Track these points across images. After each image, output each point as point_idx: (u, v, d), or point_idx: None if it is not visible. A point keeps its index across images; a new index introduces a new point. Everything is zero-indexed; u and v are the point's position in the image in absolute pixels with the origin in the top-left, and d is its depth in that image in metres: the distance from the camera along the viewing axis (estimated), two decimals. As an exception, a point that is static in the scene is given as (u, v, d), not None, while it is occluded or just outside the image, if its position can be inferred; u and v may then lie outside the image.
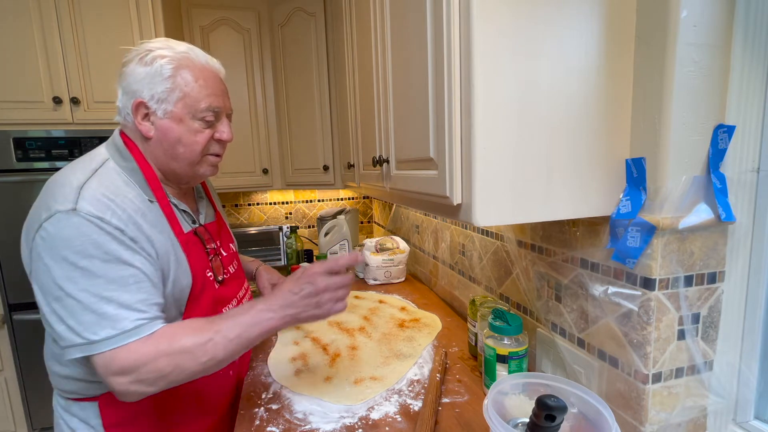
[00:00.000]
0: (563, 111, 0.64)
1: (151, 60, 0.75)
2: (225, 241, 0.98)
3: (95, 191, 0.70)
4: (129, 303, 0.68)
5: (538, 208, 0.65)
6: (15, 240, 1.74)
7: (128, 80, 0.76)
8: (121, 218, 0.70)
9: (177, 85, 0.75)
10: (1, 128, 1.69)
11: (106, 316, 0.66)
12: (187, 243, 0.82)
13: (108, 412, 0.80)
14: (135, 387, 0.67)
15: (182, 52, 0.77)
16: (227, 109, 0.84)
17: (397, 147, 0.94)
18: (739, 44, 0.63)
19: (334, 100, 1.93)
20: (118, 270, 0.68)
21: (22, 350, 1.78)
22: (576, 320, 0.82)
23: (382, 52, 0.99)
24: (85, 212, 0.67)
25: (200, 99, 0.77)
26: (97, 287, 0.67)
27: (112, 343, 0.66)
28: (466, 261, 1.33)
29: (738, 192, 0.66)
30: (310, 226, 2.62)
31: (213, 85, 0.79)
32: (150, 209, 0.76)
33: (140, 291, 0.70)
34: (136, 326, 0.68)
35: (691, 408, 0.70)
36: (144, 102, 0.76)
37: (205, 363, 0.69)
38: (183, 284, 0.80)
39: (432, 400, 0.83)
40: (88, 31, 1.70)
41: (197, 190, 0.97)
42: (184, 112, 0.77)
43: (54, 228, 0.67)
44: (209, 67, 0.81)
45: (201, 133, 0.79)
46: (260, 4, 2.10)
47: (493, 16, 0.59)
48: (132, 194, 0.74)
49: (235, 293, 0.95)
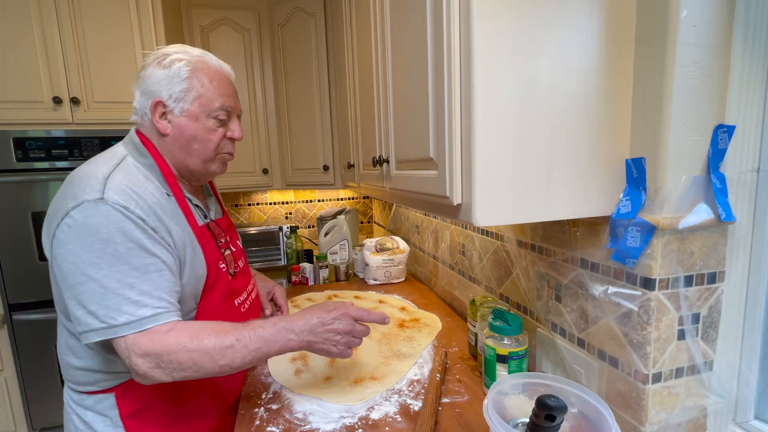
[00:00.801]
0: (563, 111, 0.64)
1: (170, 63, 0.80)
2: (234, 238, 1.01)
3: (120, 182, 0.74)
4: (149, 291, 0.71)
5: (538, 208, 0.65)
6: (15, 240, 1.75)
7: (147, 82, 0.80)
8: (143, 209, 0.74)
9: (193, 86, 0.80)
10: (1, 128, 1.69)
11: (127, 302, 0.70)
12: (202, 236, 0.86)
13: (124, 402, 0.82)
14: (154, 372, 0.70)
15: (197, 56, 0.83)
16: (238, 109, 0.89)
17: (397, 147, 0.94)
18: (739, 44, 0.63)
19: (334, 100, 1.93)
20: (141, 258, 0.72)
21: (22, 350, 1.78)
22: (576, 320, 0.82)
23: (382, 52, 0.99)
24: (113, 201, 0.71)
25: (214, 99, 0.82)
26: (121, 273, 0.70)
27: (131, 328, 0.69)
28: (466, 261, 1.33)
29: (738, 192, 0.66)
30: (310, 226, 2.62)
31: (225, 86, 0.85)
32: (168, 202, 0.80)
33: (161, 279, 0.73)
34: (154, 314, 0.71)
35: (691, 408, 0.70)
36: (162, 101, 0.80)
37: (221, 366, 0.72)
38: (199, 274, 0.83)
39: (432, 400, 0.83)
40: (88, 31, 1.70)
41: (206, 188, 1.01)
42: (200, 111, 0.82)
43: (82, 216, 0.70)
44: (222, 70, 0.86)
45: (215, 132, 0.84)
46: (260, 4, 2.10)
47: (493, 16, 0.59)
48: (151, 187, 0.78)
49: (245, 286, 0.98)
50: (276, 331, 0.76)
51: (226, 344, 0.72)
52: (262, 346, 0.75)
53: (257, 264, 2.22)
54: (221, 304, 0.88)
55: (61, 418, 0.90)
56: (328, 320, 0.79)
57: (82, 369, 0.82)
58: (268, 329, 0.76)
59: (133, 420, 0.83)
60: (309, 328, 0.78)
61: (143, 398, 0.83)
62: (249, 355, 0.74)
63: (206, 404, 0.91)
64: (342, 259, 2.01)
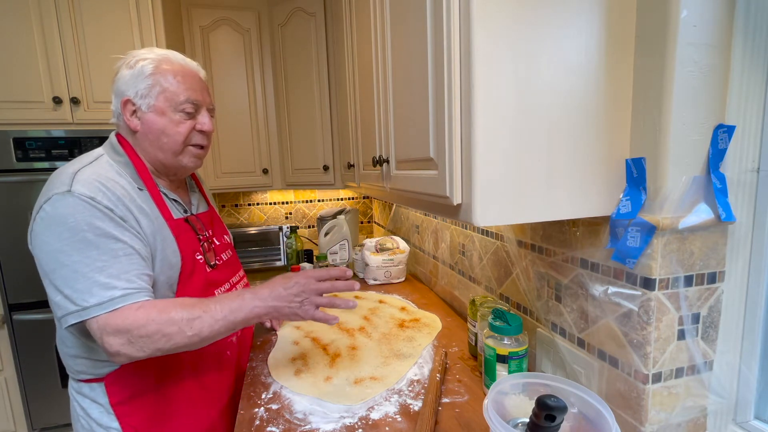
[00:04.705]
0: (563, 111, 0.64)
1: (134, 63, 0.85)
2: (218, 232, 1.05)
3: (88, 176, 0.79)
4: (118, 273, 0.76)
5: (538, 208, 0.65)
6: (15, 240, 1.75)
7: (117, 84, 0.86)
8: (110, 199, 0.78)
9: (157, 81, 0.85)
10: (1, 128, 1.69)
11: (97, 284, 0.74)
12: (177, 228, 0.90)
13: (113, 390, 0.86)
14: (126, 349, 0.74)
15: (162, 54, 0.88)
16: (207, 103, 0.92)
17: (397, 147, 0.94)
18: (739, 44, 0.63)
19: (334, 100, 1.93)
20: (108, 243, 0.76)
21: (22, 350, 1.78)
22: (576, 320, 0.82)
23: (382, 52, 0.99)
24: (79, 193, 0.76)
25: (179, 93, 0.86)
26: (90, 258, 0.74)
27: (102, 308, 0.73)
28: (466, 261, 1.33)
29: (738, 192, 0.66)
30: (310, 226, 2.62)
31: (190, 80, 0.88)
32: (139, 195, 0.84)
33: (130, 263, 0.77)
34: (124, 294, 0.75)
35: (691, 408, 0.70)
36: (130, 99, 0.85)
37: (190, 337, 0.76)
38: (172, 263, 0.87)
39: (432, 400, 0.83)
40: (88, 31, 1.70)
41: (190, 184, 1.05)
42: (166, 105, 0.86)
43: (51, 208, 0.75)
44: (186, 66, 0.90)
45: (182, 124, 0.88)
46: (260, 4, 2.10)
47: (493, 16, 0.59)
48: (122, 182, 0.83)
49: (228, 278, 1.02)
50: (242, 301, 0.81)
51: (194, 316, 0.76)
52: (228, 314, 0.78)
53: (257, 264, 2.22)
54: (200, 293, 0.91)
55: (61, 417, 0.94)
56: (289, 285, 0.84)
57: (74, 357, 0.87)
58: (235, 300, 0.81)
59: (123, 408, 0.86)
60: (272, 295, 0.82)
61: (131, 387, 0.87)
62: (216, 324, 0.77)
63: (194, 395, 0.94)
64: (342, 259, 2.01)
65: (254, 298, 0.82)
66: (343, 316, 1.33)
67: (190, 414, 0.93)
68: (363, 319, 1.31)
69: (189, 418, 0.93)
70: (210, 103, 0.93)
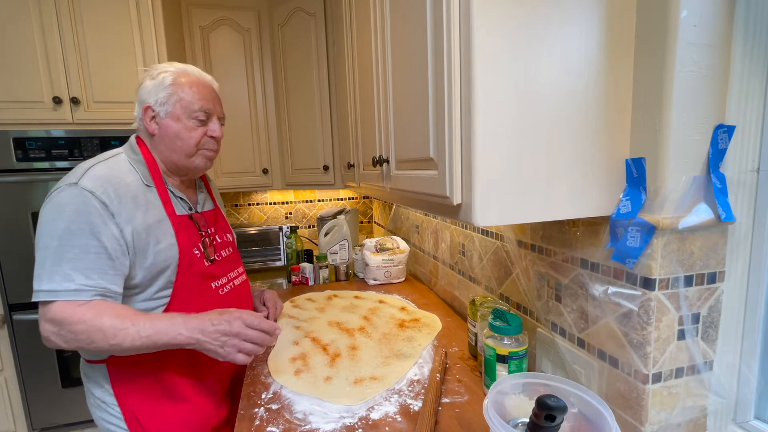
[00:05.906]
0: (563, 111, 0.64)
1: (157, 75, 0.96)
2: (221, 230, 1.12)
3: (99, 172, 0.87)
4: (82, 268, 0.82)
5: (538, 208, 0.65)
6: (15, 240, 1.75)
7: (140, 92, 0.96)
8: (109, 195, 0.85)
9: (175, 92, 0.95)
10: (1, 128, 1.69)
11: (59, 273, 0.80)
12: (179, 223, 0.96)
13: (113, 373, 0.93)
14: (54, 338, 0.81)
15: (181, 68, 0.98)
16: (218, 112, 1.01)
17: (397, 147, 0.94)
18: (739, 44, 0.63)
19: (334, 100, 1.93)
20: (86, 239, 0.82)
21: (22, 350, 1.78)
22: (576, 320, 0.82)
23: (382, 52, 0.99)
24: (83, 186, 0.83)
25: (194, 102, 0.96)
26: (64, 248, 0.81)
27: (50, 296, 0.80)
28: (466, 261, 1.33)
29: (738, 192, 0.66)
30: (310, 226, 2.62)
31: (204, 92, 0.98)
32: (144, 192, 0.92)
33: (96, 261, 0.83)
34: (77, 289, 0.81)
35: (691, 408, 0.70)
36: (150, 106, 0.95)
37: (111, 345, 0.81)
38: (169, 254, 0.93)
39: (432, 400, 0.83)
40: (88, 31, 1.70)
41: (198, 185, 1.11)
42: (181, 112, 0.95)
43: (57, 196, 0.84)
44: (202, 79, 1.00)
45: (195, 130, 0.97)
46: (260, 4, 2.10)
47: (493, 16, 0.59)
48: (131, 178, 0.91)
49: (226, 273, 1.07)
50: (170, 324, 0.84)
51: (121, 327, 0.81)
52: (152, 334, 0.82)
53: (257, 264, 2.22)
54: (197, 285, 0.98)
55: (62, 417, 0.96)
56: (217, 321, 0.87)
57: None
58: (164, 321, 0.84)
59: (121, 388, 0.93)
60: (198, 327, 0.85)
61: (128, 371, 0.93)
62: (138, 341, 0.82)
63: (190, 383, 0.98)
64: (342, 259, 2.01)
65: (182, 325, 0.85)
66: (343, 316, 1.33)
67: (186, 401, 0.97)
68: (363, 319, 1.31)
69: (185, 404, 0.97)
70: (221, 112, 1.02)
